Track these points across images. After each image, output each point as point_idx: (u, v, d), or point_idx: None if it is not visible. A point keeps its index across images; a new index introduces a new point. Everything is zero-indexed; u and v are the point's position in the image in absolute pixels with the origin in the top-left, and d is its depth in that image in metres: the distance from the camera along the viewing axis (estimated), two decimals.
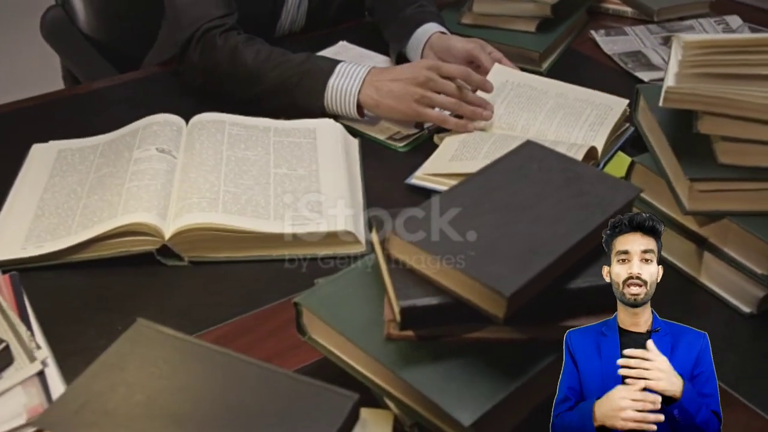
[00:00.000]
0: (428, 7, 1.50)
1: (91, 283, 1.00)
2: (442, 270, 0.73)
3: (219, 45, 1.32)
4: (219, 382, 0.69)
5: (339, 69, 1.27)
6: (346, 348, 0.80)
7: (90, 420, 0.66)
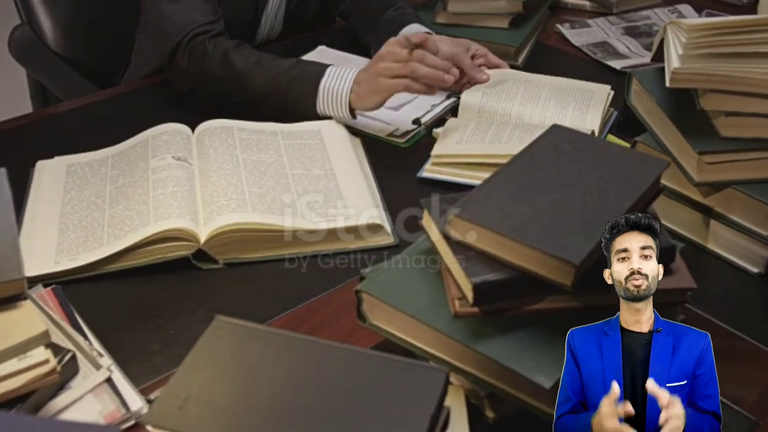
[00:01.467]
0: (407, 9, 1.55)
1: (131, 291, 1.00)
2: (508, 246, 0.78)
3: (209, 50, 1.33)
4: (311, 368, 0.72)
5: (329, 72, 1.30)
6: (411, 329, 0.83)
7: (195, 413, 0.68)
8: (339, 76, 1.29)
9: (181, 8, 1.36)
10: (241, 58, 1.32)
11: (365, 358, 0.73)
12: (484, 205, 0.81)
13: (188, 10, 1.36)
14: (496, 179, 0.86)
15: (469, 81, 1.40)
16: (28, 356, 0.79)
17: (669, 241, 0.84)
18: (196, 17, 1.36)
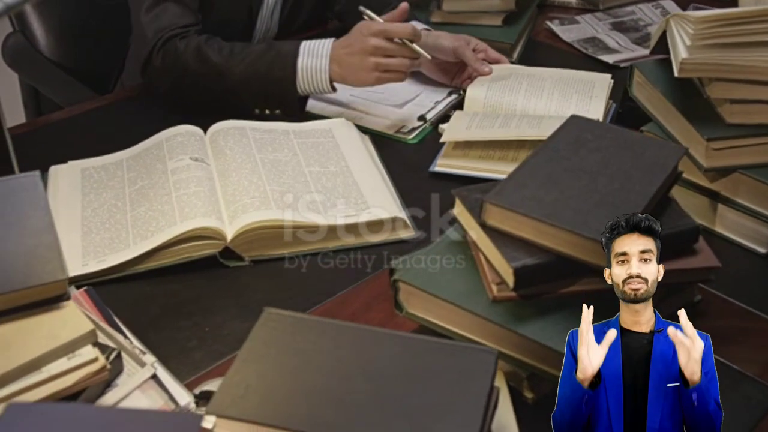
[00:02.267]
0: None
1: (160, 291, 1.01)
2: (544, 230, 0.81)
3: (181, 49, 1.35)
4: (364, 354, 0.74)
5: (303, 48, 1.32)
6: (449, 316, 0.86)
7: (256, 401, 0.69)
8: (314, 52, 1.32)
9: (158, 14, 1.38)
10: (214, 51, 1.34)
11: (415, 343, 0.76)
12: (518, 193, 0.84)
13: (165, 15, 1.38)
14: (524, 169, 0.89)
15: (470, 76, 1.44)
16: (77, 355, 0.80)
17: (692, 223, 0.88)
18: (173, 21, 1.38)
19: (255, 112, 1.35)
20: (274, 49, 1.33)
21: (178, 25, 1.37)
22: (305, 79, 1.31)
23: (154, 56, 1.36)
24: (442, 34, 1.46)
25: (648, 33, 1.71)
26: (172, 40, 1.36)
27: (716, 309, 1.00)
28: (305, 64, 1.31)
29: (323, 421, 0.68)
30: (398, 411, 0.69)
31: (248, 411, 0.69)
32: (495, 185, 0.88)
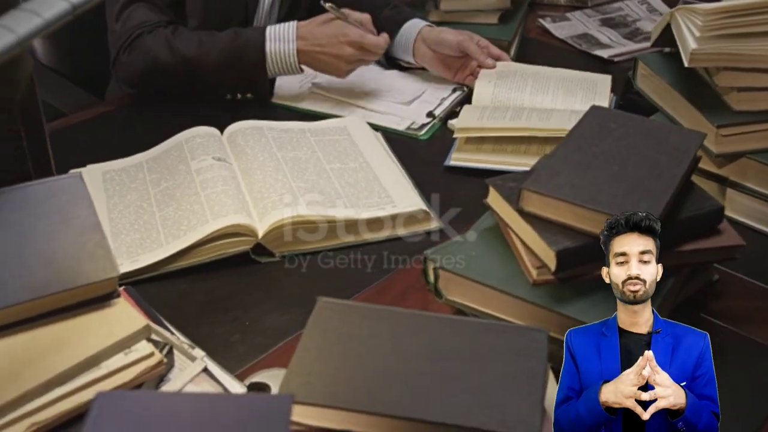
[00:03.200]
0: (403, 6, 1.61)
1: (195, 288, 1.03)
2: (581, 214, 0.85)
3: (149, 43, 1.39)
4: (422, 338, 0.76)
5: (269, 34, 1.39)
6: (490, 301, 0.89)
7: (323, 387, 0.71)
8: (280, 37, 1.39)
9: (128, 15, 1.41)
10: (183, 42, 1.39)
11: (468, 325, 0.79)
12: (553, 180, 0.88)
13: (135, 15, 1.42)
14: (555, 157, 0.92)
15: (472, 72, 1.47)
16: (133, 351, 0.82)
17: (717, 204, 0.92)
18: (140, 20, 1.41)
19: (227, 97, 1.43)
20: (242, 38, 1.40)
21: (146, 23, 1.41)
22: (274, 63, 1.40)
23: (121, 52, 1.41)
24: (446, 30, 1.49)
25: (637, 28, 1.76)
26: (140, 37, 1.40)
27: (732, 289, 1.04)
28: (273, 48, 1.38)
29: (389, 401, 0.70)
30: (461, 389, 0.71)
31: (316, 395, 0.71)
32: (528, 174, 0.91)
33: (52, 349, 0.79)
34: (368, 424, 0.70)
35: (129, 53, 1.40)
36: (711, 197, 0.93)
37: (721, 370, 0.82)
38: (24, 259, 0.82)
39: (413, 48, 1.51)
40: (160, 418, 0.57)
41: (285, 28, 1.39)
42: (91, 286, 0.82)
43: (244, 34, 1.40)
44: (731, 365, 0.91)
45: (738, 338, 0.96)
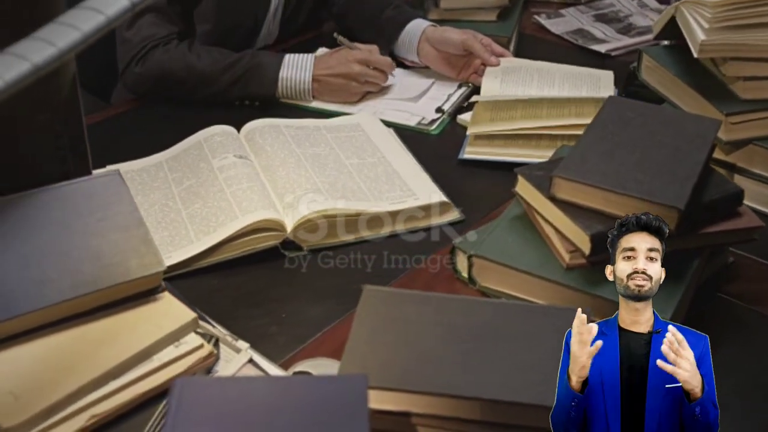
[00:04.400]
0: (405, 7, 1.63)
1: (226, 283, 1.04)
2: (612, 199, 0.88)
3: (163, 56, 1.42)
4: (468, 320, 0.79)
5: (286, 61, 1.44)
6: (524, 286, 0.92)
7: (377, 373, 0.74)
8: (296, 65, 1.44)
9: (140, 26, 1.43)
10: (199, 58, 1.43)
11: (510, 307, 0.82)
12: (582, 167, 0.91)
13: (147, 26, 1.43)
14: (580, 147, 0.96)
15: (476, 70, 1.50)
16: (183, 343, 0.83)
17: (736, 188, 0.96)
18: (153, 32, 1.44)
19: (235, 103, 1.45)
20: (258, 59, 1.44)
21: (159, 35, 1.43)
22: (285, 88, 1.44)
23: (133, 63, 1.43)
24: (449, 29, 1.52)
25: (630, 23, 1.81)
26: (154, 49, 1.42)
27: (747, 271, 1.08)
28: (287, 74, 1.43)
29: (444, 382, 0.73)
30: (511, 367, 0.74)
31: (374, 379, 0.73)
32: (556, 163, 0.94)
33: (105, 343, 0.81)
34: (425, 405, 0.73)
35: (142, 65, 1.43)
36: (730, 181, 0.97)
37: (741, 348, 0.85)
38: (71, 256, 0.83)
39: (418, 48, 1.53)
40: (240, 402, 0.59)
41: (303, 57, 1.44)
42: (138, 281, 0.84)
43: (261, 57, 1.45)
44: (752, 342, 0.95)
45: (757, 316, 1.00)
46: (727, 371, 0.89)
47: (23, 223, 0.85)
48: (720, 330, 0.96)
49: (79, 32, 0.63)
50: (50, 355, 0.79)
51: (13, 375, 0.76)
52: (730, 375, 0.90)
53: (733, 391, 0.87)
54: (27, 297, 0.79)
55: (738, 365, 0.93)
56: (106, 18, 0.66)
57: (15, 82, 0.55)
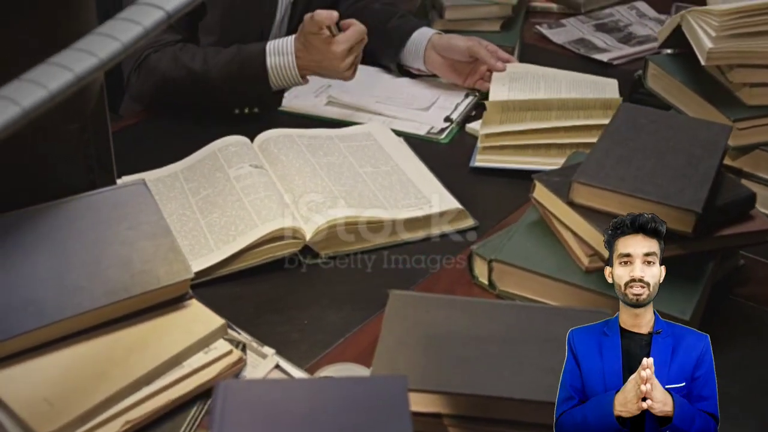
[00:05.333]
0: (410, 16, 1.66)
1: (248, 291, 1.05)
2: (630, 203, 0.90)
3: (156, 61, 1.43)
4: (496, 323, 0.81)
5: (269, 49, 1.44)
6: (544, 289, 0.94)
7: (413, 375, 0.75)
8: (279, 51, 1.44)
9: None
10: (191, 59, 1.44)
11: (535, 311, 0.83)
12: (600, 172, 0.93)
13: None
14: (597, 153, 0.98)
15: (482, 77, 1.52)
16: (212, 349, 0.85)
17: (748, 191, 0.98)
18: (151, 41, 1.43)
19: (235, 111, 1.46)
20: (243, 53, 1.44)
21: (156, 43, 1.44)
22: (276, 76, 1.44)
23: (132, 73, 1.45)
24: (455, 36, 1.55)
25: (630, 32, 1.83)
26: (148, 57, 1.44)
27: (758, 274, 1.09)
28: (274, 62, 1.43)
29: (474, 383, 0.74)
30: (538, 369, 0.76)
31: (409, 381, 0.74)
32: (573, 169, 0.96)
33: (136, 350, 0.82)
34: (456, 406, 0.74)
35: (138, 73, 1.44)
36: (742, 185, 0.99)
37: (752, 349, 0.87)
38: (101, 264, 0.84)
39: (424, 55, 1.55)
40: (283, 403, 0.60)
41: (283, 42, 1.44)
42: (167, 288, 0.85)
43: (245, 50, 1.45)
44: (764, 343, 0.97)
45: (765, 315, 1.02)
46: (739, 372, 0.91)
47: (53, 232, 0.86)
48: (732, 331, 0.98)
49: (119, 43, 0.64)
50: (83, 363, 0.80)
51: (47, 382, 0.77)
52: (742, 376, 0.92)
53: (743, 393, 0.89)
54: (59, 305, 0.81)
55: (749, 366, 0.95)
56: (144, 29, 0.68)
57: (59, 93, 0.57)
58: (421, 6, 1.84)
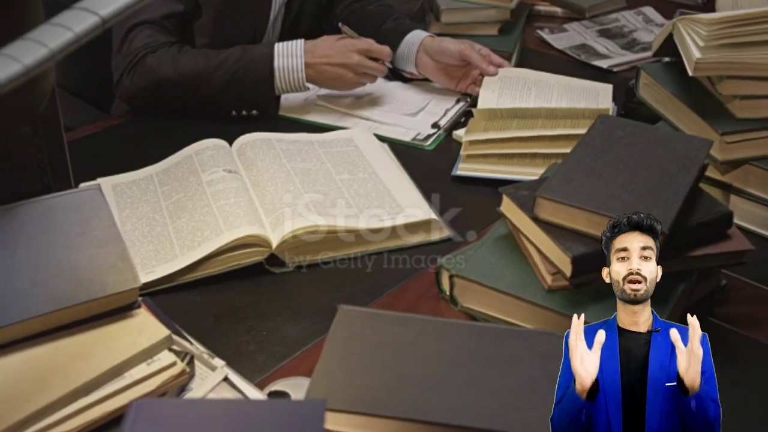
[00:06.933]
0: (405, 19, 1.63)
1: (210, 299, 1.03)
2: (595, 221, 0.86)
3: (154, 63, 1.41)
4: (443, 343, 0.78)
5: (277, 50, 1.42)
6: (506, 307, 0.91)
7: (349, 393, 0.73)
8: (288, 53, 1.42)
9: (132, 39, 1.43)
10: (191, 60, 1.41)
11: (487, 331, 0.80)
12: (567, 187, 0.89)
13: (139, 37, 1.43)
14: (566, 166, 0.94)
15: (474, 81, 1.49)
16: (156, 360, 0.83)
17: (725, 210, 0.94)
18: (144, 42, 1.43)
19: (232, 113, 1.44)
20: (250, 54, 1.42)
21: (151, 45, 1.42)
22: (282, 79, 1.42)
23: (125, 74, 1.42)
24: (447, 39, 1.52)
25: (634, 38, 1.79)
26: (144, 58, 1.42)
27: (739, 294, 1.05)
28: (281, 64, 1.41)
29: (413, 406, 0.72)
30: (483, 393, 0.73)
31: (342, 401, 0.72)
32: (540, 182, 0.93)
33: (77, 359, 0.80)
34: (393, 430, 0.71)
35: (133, 74, 1.42)
36: (719, 203, 0.95)
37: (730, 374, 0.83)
38: (48, 270, 0.83)
39: (416, 58, 1.53)
40: (195, 425, 0.58)
41: (293, 45, 1.42)
42: (113, 297, 0.84)
43: (252, 51, 1.42)
44: (741, 369, 0.93)
45: (748, 342, 0.98)
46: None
47: (2, 236, 0.85)
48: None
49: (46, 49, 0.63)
50: (23, 370, 0.79)
51: None
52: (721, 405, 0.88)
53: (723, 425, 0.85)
54: (4, 311, 0.79)
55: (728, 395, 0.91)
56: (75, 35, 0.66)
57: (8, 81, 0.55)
58: (420, 9, 1.82)
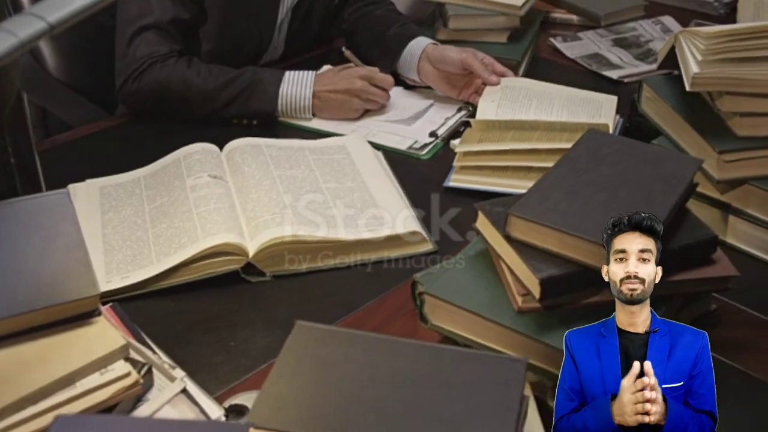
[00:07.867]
0: (410, 24, 1.60)
1: (184, 306, 1.02)
2: (568, 242, 0.83)
3: (162, 73, 1.41)
4: (397, 365, 0.75)
5: (287, 77, 1.42)
6: (475, 327, 0.88)
7: (294, 413, 0.70)
8: (297, 81, 1.43)
9: (139, 43, 1.42)
10: (198, 76, 1.41)
11: (445, 353, 0.77)
12: (541, 205, 0.86)
13: (145, 43, 1.43)
14: (546, 182, 0.91)
15: (477, 90, 1.46)
16: (110, 370, 0.81)
17: (710, 233, 0.90)
18: (153, 49, 1.42)
19: (233, 121, 1.44)
20: (258, 75, 1.43)
21: (159, 52, 1.42)
22: (286, 105, 1.42)
23: (131, 80, 1.42)
24: (449, 47, 1.49)
25: (650, 49, 1.74)
26: (151, 66, 1.41)
27: (730, 319, 1.01)
28: (287, 91, 1.42)
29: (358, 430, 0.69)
30: (433, 420, 0.70)
31: (287, 422, 0.70)
32: (517, 198, 0.90)
33: (30, 366, 0.79)
34: None
35: (140, 81, 1.41)
36: (705, 226, 0.91)
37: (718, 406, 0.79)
38: (7, 274, 0.82)
39: (417, 66, 1.50)
40: None
41: (303, 74, 1.43)
42: (72, 304, 0.82)
43: (260, 74, 1.43)
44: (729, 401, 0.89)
45: (735, 372, 0.94)
46: None
47: None
48: None
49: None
50: None
51: None
52: None
53: None
54: None
55: None
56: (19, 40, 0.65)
57: None
58: (431, 14, 1.79)
